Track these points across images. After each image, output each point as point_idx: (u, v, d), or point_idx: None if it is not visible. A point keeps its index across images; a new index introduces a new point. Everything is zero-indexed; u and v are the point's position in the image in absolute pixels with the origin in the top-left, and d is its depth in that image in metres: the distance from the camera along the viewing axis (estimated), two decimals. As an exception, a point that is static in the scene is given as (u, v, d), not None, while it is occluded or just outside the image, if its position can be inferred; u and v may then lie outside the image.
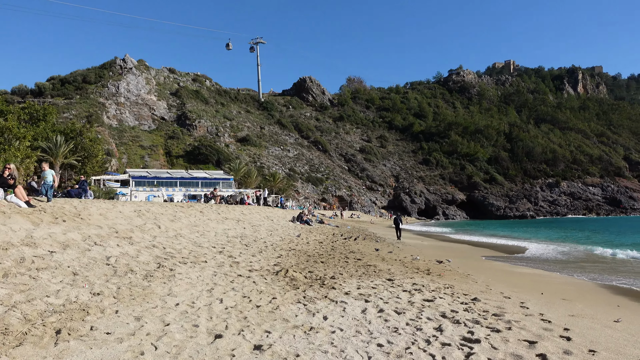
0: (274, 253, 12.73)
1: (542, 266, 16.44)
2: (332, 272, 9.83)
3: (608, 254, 21.30)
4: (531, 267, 15.80)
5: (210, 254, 10.44)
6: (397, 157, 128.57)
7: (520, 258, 19.99)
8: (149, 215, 13.30)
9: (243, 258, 10.88)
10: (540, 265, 16.61)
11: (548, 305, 8.14)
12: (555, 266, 16.53)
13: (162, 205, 16.95)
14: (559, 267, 16.35)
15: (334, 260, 12.35)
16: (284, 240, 17.40)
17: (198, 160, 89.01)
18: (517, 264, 16.62)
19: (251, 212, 26.67)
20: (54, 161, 40.56)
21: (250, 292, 7.07)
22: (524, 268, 15.38)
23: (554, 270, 15.21)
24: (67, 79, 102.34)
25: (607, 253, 21.55)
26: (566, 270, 15.33)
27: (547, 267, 16.26)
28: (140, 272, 7.32)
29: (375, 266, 11.58)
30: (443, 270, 12.46)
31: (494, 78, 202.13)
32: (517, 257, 20.27)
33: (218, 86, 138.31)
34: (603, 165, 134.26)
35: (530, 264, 16.96)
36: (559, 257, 19.88)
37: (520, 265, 16.26)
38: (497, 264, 16.20)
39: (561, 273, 14.44)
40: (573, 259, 19.33)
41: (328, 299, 6.99)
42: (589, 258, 19.90)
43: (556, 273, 14.40)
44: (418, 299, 7.51)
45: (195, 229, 13.85)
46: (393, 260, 14.17)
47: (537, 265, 16.79)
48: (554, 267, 16.07)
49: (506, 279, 11.89)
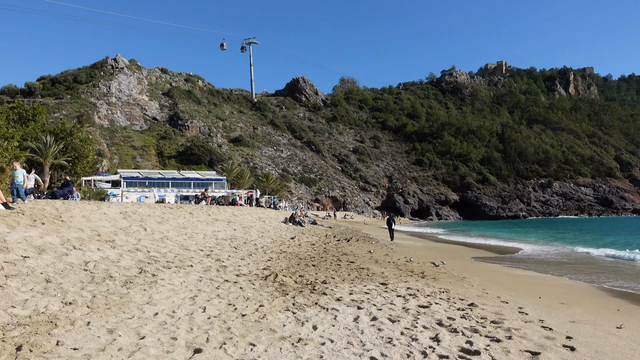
0: (264, 256, 12.35)
1: (536, 267, 16.18)
2: (324, 276, 9.45)
3: (602, 254, 21.12)
4: (526, 269, 15.53)
5: (197, 258, 10.02)
6: (390, 157, 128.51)
7: (514, 259, 19.75)
8: (135, 217, 12.83)
9: (231, 262, 10.46)
10: (534, 267, 16.35)
11: (547, 310, 7.82)
12: (549, 267, 16.28)
13: (150, 207, 16.47)
14: (554, 268, 16.10)
15: (325, 263, 11.95)
16: (275, 242, 16.97)
17: (190, 161, 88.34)
18: (512, 266, 16.35)
19: (242, 213, 26.21)
20: (44, 162, 39.76)
21: (236, 300, 6.66)
22: (518, 270, 15.10)
23: (548, 271, 14.95)
24: (58, 79, 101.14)
25: (601, 253, 21.38)
26: (561, 271, 15.08)
27: (542, 268, 16.01)
28: (119, 278, 6.86)
29: (369, 269, 11.22)
30: (438, 273, 12.13)
31: (487, 79, 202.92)
32: (511, 258, 20.04)
33: (211, 86, 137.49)
34: (594, 165, 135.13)
35: (524, 266, 16.69)
36: (553, 258, 19.65)
37: (514, 267, 15.99)
38: (492, 266, 15.92)
39: (556, 275, 14.18)
40: (567, 260, 19.10)
41: (319, 306, 6.60)
42: (583, 259, 19.69)
43: (550, 275, 14.14)
44: (413, 305, 7.15)
45: (183, 231, 13.39)
46: (387, 263, 13.82)
47: (532, 266, 16.54)
48: (549, 269, 15.82)
49: (502, 282, 11.58)
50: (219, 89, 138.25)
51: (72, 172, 43.16)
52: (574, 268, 16.21)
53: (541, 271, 15.04)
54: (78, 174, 43.16)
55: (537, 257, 20.40)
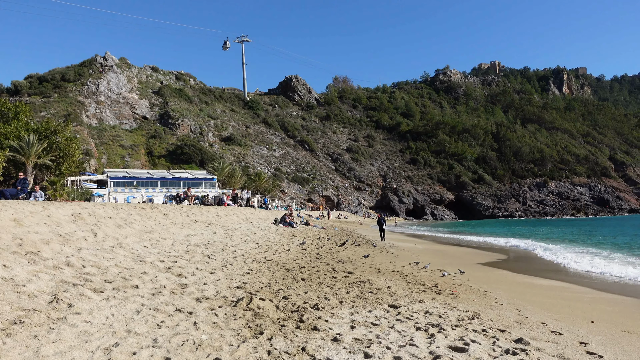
0: (242, 267, 10.25)
1: (560, 276, 14.21)
2: (316, 297, 7.33)
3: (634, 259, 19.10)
4: (549, 278, 13.51)
5: (151, 273, 7.88)
6: (384, 156, 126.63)
7: (531, 264, 17.72)
8: (89, 220, 10.63)
9: (197, 277, 8.31)
10: (557, 275, 14.36)
11: (618, 346, 5.77)
12: (576, 277, 14.28)
13: (116, 207, 14.28)
14: (580, 277, 14.11)
15: (318, 275, 9.83)
16: (260, 247, 14.81)
17: (181, 160, 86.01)
18: (530, 273, 14.30)
19: (228, 213, 24.00)
20: (27, 161, 37.73)
21: (182, 347, 4.46)
22: (541, 280, 13.06)
23: (576, 281, 12.96)
24: (45, 77, 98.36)
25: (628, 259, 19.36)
26: (590, 280, 13.10)
27: (566, 276, 14.03)
28: (11, 312, 4.63)
29: (371, 283, 9.14)
30: (453, 285, 10.09)
31: (480, 78, 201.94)
32: (527, 263, 18.01)
33: (202, 85, 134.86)
34: (589, 165, 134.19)
35: (545, 273, 14.69)
36: (572, 264, 17.62)
37: (533, 275, 13.95)
38: (509, 274, 13.88)
39: (584, 285, 12.14)
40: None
41: (307, 355, 4.50)
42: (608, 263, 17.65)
43: (577, 285, 12.11)
44: (442, 344, 5.07)
45: (147, 237, 11.14)
46: (390, 272, 11.76)
47: (554, 275, 14.54)
48: (575, 278, 13.83)
49: (532, 298, 9.55)
50: (210, 88, 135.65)
51: (57, 171, 41.35)
52: (605, 278, 14.23)
53: (569, 280, 13.04)
54: (63, 174, 41.34)
55: (555, 261, 18.41)
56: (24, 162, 37.92)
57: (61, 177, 40.81)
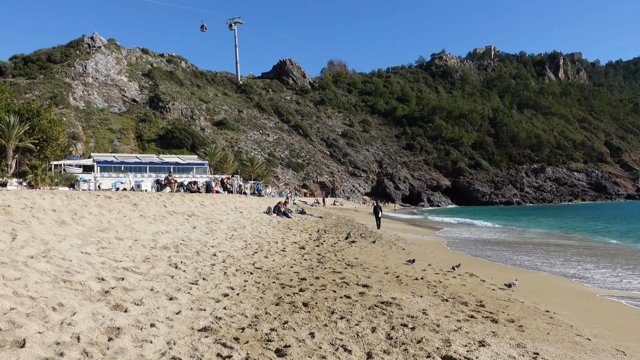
0: (220, 283, 7.55)
1: (604, 282, 12.26)
2: (328, 344, 5.04)
3: None
4: (593, 284, 11.52)
5: (69, 306, 5.04)
6: (380, 142, 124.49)
7: (563, 262, 15.68)
8: (17, 215, 8.15)
9: (142, 311, 5.45)
10: (602, 281, 12.42)
11: None
12: (614, 280, 12.32)
13: (69, 196, 11.89)
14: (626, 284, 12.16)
15: (325, 293, 7.54)
16: (248, 247, 12.50)
17: (171, 145, 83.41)
18: (579, 280, 12.19)
19: (215, 202, 21.71)
20: (7, 144, 35.44)
21: None
22: (600, 289, 10.87)
23: (623, 286, 11.00)
24: (31, 58, 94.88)
25: None
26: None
27: (612, 282, 12.07)
28: None
29: (399, 305, 7.01)
30: (504, 304, 8.00)
31: (476, 63, 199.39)
32: (561, 260, 15.97)
33: (194, 68, 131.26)
34: (586, 150, 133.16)
35: (590, 281, 12.72)
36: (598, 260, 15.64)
37: (582, 281, 11.91)
38: (556, 282, 11.70)
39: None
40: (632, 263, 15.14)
41: None
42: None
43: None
44: None
45: (96, 237, 8.82)
46: (413, 281, 9.68)
47: (598, 279, 12.58)
48: (614, 283, 11.86)
49: (605, 317, 7.54)
50: (202, 71, 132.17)
51: (40, 155, 39.18)
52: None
53: (617, 287, 11.07)
54: (47, 158, 39.17)
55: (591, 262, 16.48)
56: (4, 145, 35.63)
57: (45, 161, 38.55)
